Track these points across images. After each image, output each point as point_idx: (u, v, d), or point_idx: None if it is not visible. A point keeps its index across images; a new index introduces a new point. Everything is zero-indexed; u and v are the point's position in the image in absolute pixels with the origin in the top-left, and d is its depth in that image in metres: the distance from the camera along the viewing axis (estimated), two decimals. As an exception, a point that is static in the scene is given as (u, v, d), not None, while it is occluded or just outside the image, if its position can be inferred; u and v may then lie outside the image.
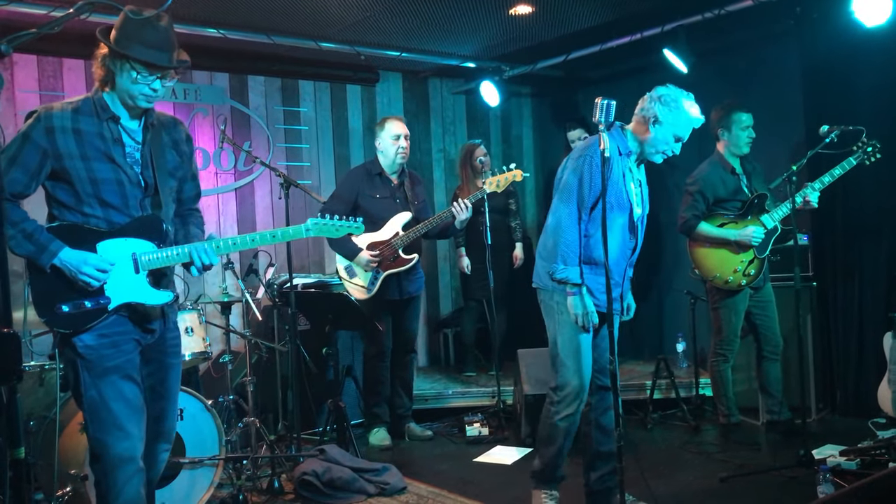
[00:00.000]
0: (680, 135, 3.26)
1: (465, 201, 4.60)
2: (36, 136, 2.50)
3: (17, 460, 1.91)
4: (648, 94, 3.30)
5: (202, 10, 4.66)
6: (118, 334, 2.61)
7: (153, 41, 2.50)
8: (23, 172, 2.50)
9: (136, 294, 2.64)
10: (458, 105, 7.00)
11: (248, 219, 5.82)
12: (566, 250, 3.21)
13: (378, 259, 4.66)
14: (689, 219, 4.42)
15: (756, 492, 3.68)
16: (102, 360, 2.56)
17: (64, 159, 2.52)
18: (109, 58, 2.53)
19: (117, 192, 2.59)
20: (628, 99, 3.37)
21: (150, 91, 2.56)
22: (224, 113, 5.73)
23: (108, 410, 2.55)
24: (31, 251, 2.50)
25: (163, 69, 2.54)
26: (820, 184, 4.23)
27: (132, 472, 2.57)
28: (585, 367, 3.28)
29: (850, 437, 4.16)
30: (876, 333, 4.55)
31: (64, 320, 2.55)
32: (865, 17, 4.21)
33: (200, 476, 3.71)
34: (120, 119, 2.61)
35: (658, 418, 5.04)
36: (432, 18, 5.08)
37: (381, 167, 4.82)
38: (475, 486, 4.02)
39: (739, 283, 4.34)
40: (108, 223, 2.60)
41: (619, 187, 3.23)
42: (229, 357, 4.22)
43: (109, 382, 2.56)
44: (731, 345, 4.48)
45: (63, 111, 2.55)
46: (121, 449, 2.54)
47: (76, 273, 2.52)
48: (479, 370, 6.06)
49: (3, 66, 4.77)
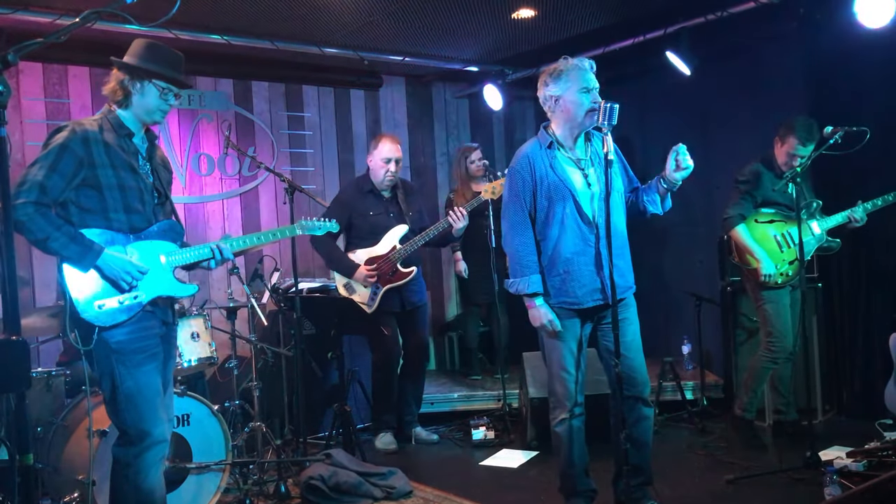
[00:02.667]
0: (583, 86, 3.16)
1: (461, 210, 4.60)
2: (74, 146, 2.72)
3: (25, 466, 1.92)
4: (539, 94, 3.30)
5: (206, 16, 4.68)
6: (146, 329, 2.83)
7: (172, 63, 2.89)
8: (61, 178, 2.69)
9: (166, 288, 2.91)
10: (462, 109, 7.01)
11: (252, 223, 5.84)
12: (513, 264, 3.28)
13: (376, 274, 4.66)
14: (732, 217, 4.35)
15: (763, 494, 3.67)
16: (136, 353, 2.78)
17: (97, 167, 2.75)
18: (129, 79, 2.84)
19: (139, 199, 2.85)
20: (631, 102, 3.37)
21: (167, 107, 2.91)
22: (228, 118, 5.75)
23: (144, 398, 2.77)
24: (78, 252, 2.69)
25: (182, 85, 2.92)
26: (872, 205, 4.28)
27: (160, 455, 2.84)
28: (570, 376, 3.25)
29: (857, 439, 4.14)
30: (882, 334, 4.53)
31: (106, 315, 2.73)
32: (868, 18, 4.21)
33: (207, 481, 3.72)
34: (134, 135, 2.90)
35: (664, 420, 5.03)
36: (435, 23, 5.09)
37: (372, 184, 4.82)
38: (481, 490, 4.02)
39: (776, 280, 4.32)
40: (131, 227, 2.84)
41: (549, 180, 3.20)
42: (235, 362, 4.23)
43: (144, 372, 2.79)
44: (782, 341, 4.34)
45: (92, 125, 2.81)
46: (158, 433, 2.80)
47: (119, 271, 2.74)
48: (485, 373, 6.05)
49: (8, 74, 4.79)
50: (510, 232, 3.27)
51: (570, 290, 3.21)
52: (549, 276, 3.24)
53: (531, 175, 3.22)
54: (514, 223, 3.26)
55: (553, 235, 3.21)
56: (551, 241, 3.22)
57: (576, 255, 3.19)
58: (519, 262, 3.24)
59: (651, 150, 6.16)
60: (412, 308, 4.85)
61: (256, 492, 3.94)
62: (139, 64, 2.84)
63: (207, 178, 5.68)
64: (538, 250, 3.25)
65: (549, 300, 3.24)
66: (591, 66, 3.22)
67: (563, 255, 3.20)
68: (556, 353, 3.27)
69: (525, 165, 3.25)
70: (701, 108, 5.76)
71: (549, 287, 3.24)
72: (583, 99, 3.16)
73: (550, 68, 3.26)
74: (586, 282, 3.20)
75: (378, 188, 4.82)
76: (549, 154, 3.24)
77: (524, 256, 3.23)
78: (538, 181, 3.21)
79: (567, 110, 3.21)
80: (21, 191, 2.60)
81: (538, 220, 3.25)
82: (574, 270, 3.20)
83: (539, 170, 3.22)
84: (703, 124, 5.75)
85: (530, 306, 3.25)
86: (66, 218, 2.74)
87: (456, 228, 4.61)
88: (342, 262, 4.75)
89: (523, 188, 3.23)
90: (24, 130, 4.92)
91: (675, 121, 5.97)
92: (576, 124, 3.22)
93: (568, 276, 3.20)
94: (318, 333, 5.00)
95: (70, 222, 2.73)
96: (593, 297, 3.21)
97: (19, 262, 2.25)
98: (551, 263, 3.23)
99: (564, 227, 3.20)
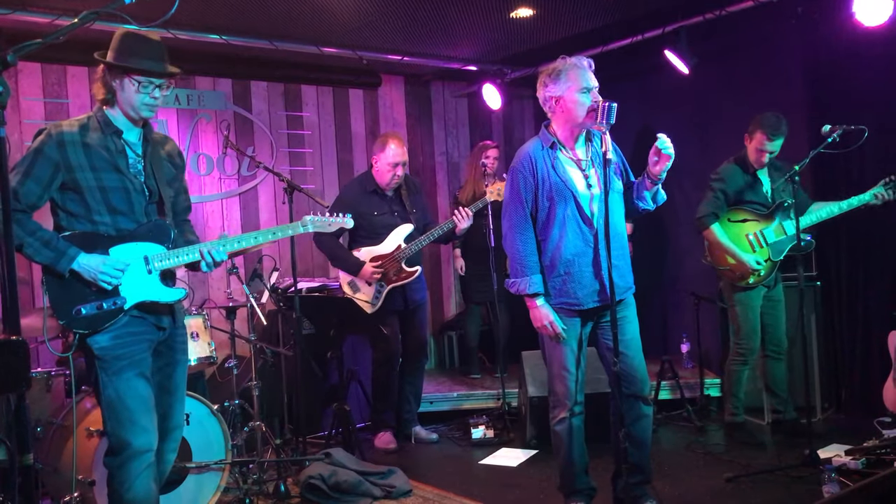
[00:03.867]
0: (583, 86, 3.14)
1: (466, 210, 4.60)
2: (48, 151, 2.66)
3: (25, 466, 1.93)
4: (539, 94, 3.29)
5: (205, 16, 4.67)
6: (132, 335, 2.75)
7: (148, 53, 2.74)
8: (36, 184, 2.65)
9: (150, 293, 2.81)
10: (461, 108, 7.01)
11: (252, 223, 5.84)
12: (513, 264, 3.27)
13: (382, 271, 4.67)
14: (706, 216, 4.38)
15: (762, 492, 3.68)
16: (117, 360, 2.71)
17: (75, 171, 2.68)
18: (110, 75, 2.75)
19: (124, 200, 2.76)
20: (630, 101, 3.37)
21: (151, 100, 2.76)
22: (227, 118, 5.74)
23: (124, 407, 2.69)
24: (51, 257, 2.64)
25: (159, 76, 2.75)
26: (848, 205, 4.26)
27: (146, 464, 2.72)
28: (571, 375, 3.25)
29: (856, 437, 4.16)
30: (881, 332, 4.54)
31: (83, 322, 2.68)
32: (866, 16, 4.21)
33: (207, 480, 3.73)
34: (122, 133, 2.80)
35: (663, 419, 5.04)
36: (433, 22, 5.09)
37: (375, 183, 4.82)
38: (480, 489, 4.02)
39: (748, 281, 4.34)
40: (117, 229, 2.76)
41: (551, 180, 3.19)
42: (234, 362, 4.23)
43: (124, 380, 2.70)
44: (749, 342, 4.42)
45: (70, 127, 2.73)
46: (137, 443, 2.69)
47: (96, 274, 2.67)
48: (484, 372, 6.06)
49: (7, 75, 4.79)
50: (511, 231, 3.26)
51: (571, 291, 3.21)
52: (549, 276, 3.24)
53: (533, 175, 3.22)
54: (516, 223, 3.25)
55: (554, 236, 3.20)
56: (552, 242, 3.22)
57: (576, 256, 3.19)
58: (520, 262, 3.23)
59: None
60: (414, 307, 4.86)
61: (256, 491, 3.94)
62: (114, 59, 2.73)
63: (206, 178, 5.68)
64: (539, 250, 3.25)
65: (549, 300, 3.24)
66: (589, 64, 3.21)
67: (563, 256, 3.20)
68: (556, 352, 3.27)
69: (527, 165, 3.24)
70: (699, 106, 5.76)
71: (550, 288, 3.24)
72: (583, 98, 3.15)
73: (549, 68, 3.24)
74: (587, 283, 3.20)
75: (382, 188, 4.82)
76: (551, 154, 3.23)
77: (525, 256, 3.23)
78: (540, 181, 3.21)
79: (567, 110, 3.20)
80: None
81: (539, 221, 3.24)
82: (575, 272, 3.20)
83: (541, 170, 3.21)
84: (702, 123, 5.75)
85: (532, 306, 3.24)
86: (57, 223, 2.74)
87: (460, 228, 4.61)
88: (347, 261, 4.75)
89: (525, 188, 3.22)
90: (23, 131, 4.92)
91: (673, 119, 5.97)
92: (576, 124, 3.21)
93: (569, 278, 3.20)
94: (318, 333, 5.01)
95: (60, 227, 2.73)
96: (593, 298, 3.21)
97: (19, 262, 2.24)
98: (552, 264, 3.23)
99: (565, 228, 3.19)
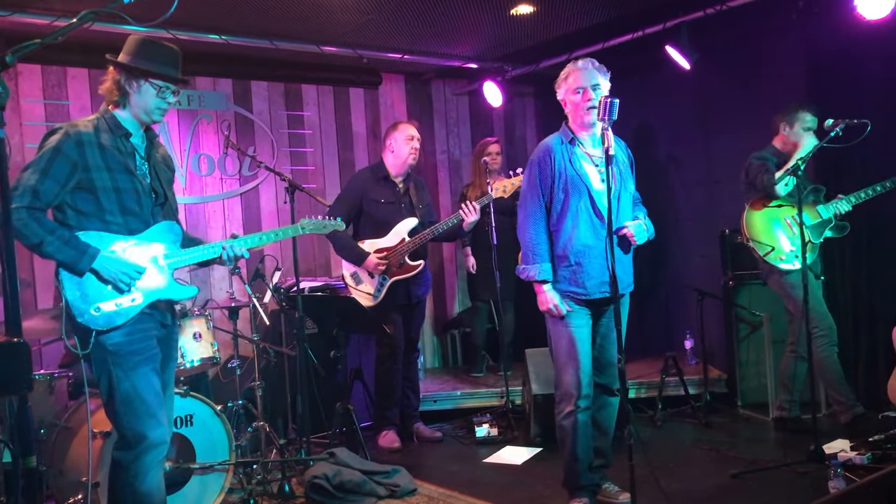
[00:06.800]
0: (576, 86, 3.32)
1: (473, 204, 4.59)
2: (67, 150, 2.68)
3: (28, 469, 1.92)
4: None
5: (204, 16, 4.67)
6: (142, 331, 2.81)
7: (168, 59, 2.82)
8: (55, 183, 2.66)
9: (164, 291, 2.88)
10: (462, 106, 6.99)
11: (253, 223, 5.83)
12: (525, 251, 3.41)
13: (386, 262, 4.66)
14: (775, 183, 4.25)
15: (768, 488, 3.67)
16: (133, 355, 2.76)
17: (91, 171, 2.71)
18: (126, 77, 2.79)
19: (135, 201, 2.81)
20: (631, 97, 3.42)
21: (166, 105, 2.85)
22: (228, 118, 5.74)
23: (142, 401, 2.74)
24: (73, 256, 2.66)
25: (179, 82, 2.85)
26: (856, 198, 4.33)
27: (160, 457, 2.80)
28: (579, 364, 3.32)
29: (861, 432, 4.14)
30: (886, 327, 4.51)
31: (102, 319, 2.72)
32: (868, 10, 4.20)
33: (211, 481, 3.72)
34: (131, 135, 2.85)
35: (667, 415, 5.03)
36: (433, 20, 5.08)
37: (386, 171, 4.80)
38: (485, 487, 4.02)
39: (791, 263, 4.29)
40: (129, 229, 2.80)
41: (567, 174, 3.32)
42: (238, 362, 4.23)
43: (141, 374, 2.76)
44: (826, 321, 4.30)
45: (86, 127, 2.76)
46: (155, 436, 2.76)
47: (117, 272, 2.72)
48: (488, 370, 6.05)
49: (7, 76, 4.79)
50: (526, 221, 3.40)
51: (581, 281, 3.34)
52: (560, 266, 3.37)
53: (550, 168, 3.36)
54: (531, 212, 3.39)
55: (567, 227, 3.34)
56: (565, 233, 3.34)
57: (587, 247, 3.32)
58: (532, 249, 3.38)
59: (651, 145, 6.16)
60: (417, 301, 4.85)
61: (261, 491, 3.94)
62: (135, 62, 2.79)
63: (208, 178, 5.67)
64: (552, 241, 3.38)
65: (558, 287, 3.36)
66: (591, 64, 3.35)
67: (575, 248, 3.33)
68: (563, 342, 3.36)
69: (546, 158, 3.37)
70: (701, 102, 5.75)
71: (560, 276, 3.37)
72: (574, 98, 3.33)
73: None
74: (595, 274, 3.33)
75: (393, 175, 4.79)
76: (569, 149, 3.38)
77: (537, 245, 3.36)
78: (557, 174, 3.34)
79: (570, 111, 3.39)
80: (14, 196, 2.56)
81: (554, 212, 3.38)
82: (585, 262, 3.33)
83: (558, 163, 3.35)
84: (704, 118, 5.74)
85: (539, 291, 3.39)
86: (62, 221, 2.73)
87: (468, 222, 4.60)
88: (353, 251, 4.74)
89: (542, 180, 3.37)
90: (23, 132, 4.92)
91: (675, 115, 5.97)
92: (580, 122, 3.36)
93: (579, 268, 3.33)
94: (321, 332, 5.00)
95: (67, 225, 2.72)
96: (601, 289, 3.34)
97: (20, 263, 2.24)
98: (564, 254, 3.36)
99: (578, 221, 3.32)
